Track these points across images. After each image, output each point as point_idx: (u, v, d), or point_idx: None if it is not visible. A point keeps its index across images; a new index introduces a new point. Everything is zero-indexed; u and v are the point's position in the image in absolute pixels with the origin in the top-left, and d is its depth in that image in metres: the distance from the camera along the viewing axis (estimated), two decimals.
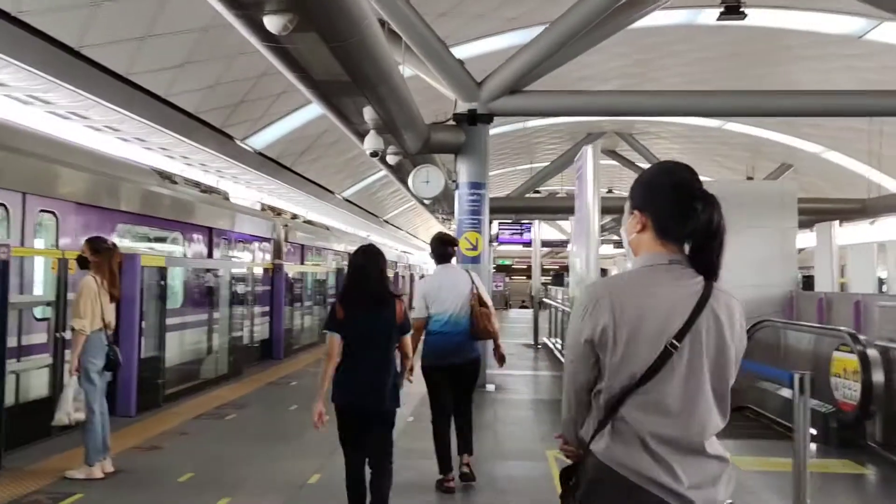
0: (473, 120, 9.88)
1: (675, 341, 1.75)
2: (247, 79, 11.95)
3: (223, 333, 10.45)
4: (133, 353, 7.61)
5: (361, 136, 8.54)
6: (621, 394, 1.78)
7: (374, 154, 8.59)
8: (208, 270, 10.46)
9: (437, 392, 5.24)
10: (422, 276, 20.20)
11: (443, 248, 5.47)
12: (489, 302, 5.40)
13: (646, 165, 26.84)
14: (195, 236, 10.57)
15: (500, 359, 5.50)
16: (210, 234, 11.09)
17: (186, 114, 11.75)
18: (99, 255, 5.63)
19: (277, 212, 16.90)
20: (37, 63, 8.18)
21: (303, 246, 16.70)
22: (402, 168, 11.29)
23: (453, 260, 5.77)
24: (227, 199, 12.90)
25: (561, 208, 25.28)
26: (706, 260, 1.82)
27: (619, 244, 36.64)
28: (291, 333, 14.14)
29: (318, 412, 3.97)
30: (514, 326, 22.66)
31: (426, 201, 15.83)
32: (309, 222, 19.39)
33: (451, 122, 10.14)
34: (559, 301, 15.37)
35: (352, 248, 20.21)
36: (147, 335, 8.10)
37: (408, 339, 4.29)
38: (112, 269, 5.68)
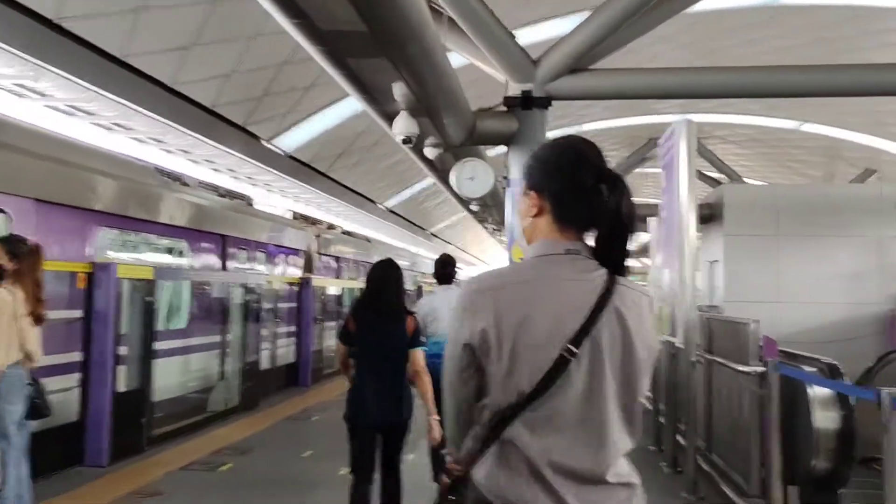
0: (528, 104, 8.19)
1: (571, 347, 1.48)
2: (267, 67, 10.52)
3: (235, 358, 8.93)
4: (105, 387, 6.13)
5: (392, 119, 6.97)
6: (508, 411, 1.50)
7: (406, 141, 6.99)
8: (214, 284, 8.97)
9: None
10: None
11: (443, 270, 5.73)
12: None
13: (712, 173, 24.86)
14: (204, 245, 9.13)
15: None
16: (223, 243, 9.64)
17: (202, 108, 10.36)
18: (18, 260, 4.13)
19: (311, 221, 15.45)
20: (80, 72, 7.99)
21: (338, 259, 15.21)
22: (444, 164, 9.68)
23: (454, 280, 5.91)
24: (250, 204, 11.49)
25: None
26: (612, 251, 1.56)
27: None
28: (321, 357, 12.58)
29: None
30: None
31: (473, 206, 14.14)
32: (347, 233, 17.92)
33: (502, 108, 8.48)
34: None
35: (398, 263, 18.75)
36: (127, 363, 6.61)
37: (419, 353, 4.16)
38: (37, 280, 4.17)
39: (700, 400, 5.66)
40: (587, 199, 1.57)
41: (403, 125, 6.76)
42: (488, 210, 14.75)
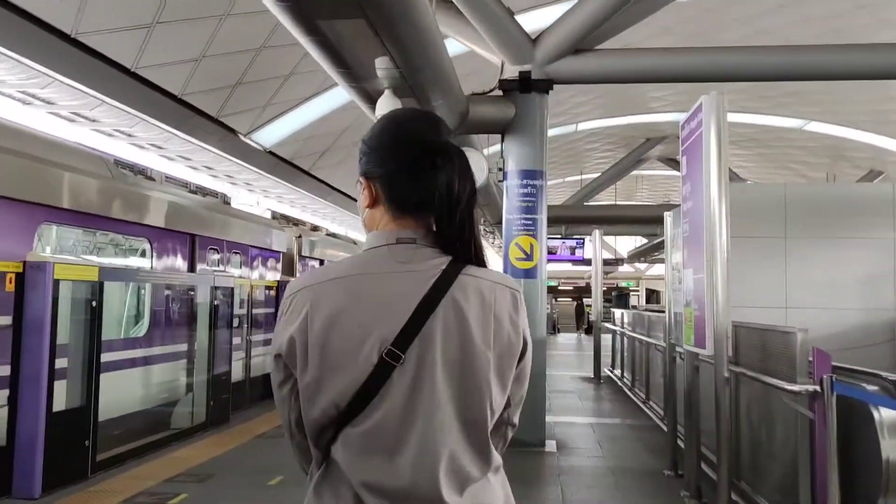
0: (527, 86, 7.40)
1: (395, 350, 1.25)
2: (240, 52, 9.67)
3: (202, 369, 8.05)
4: (37, 405, 5.26)
5: (374, 101, 6.14)
6: (330, 427, 1.29)
7: None
8: (179, 287, 8.10)
9: None
10: None
11: None
12: None
13: None
14: (170, 245, 8.26)
15: None
16: (192, 242, 8.78)
17: (168, 95, 9.49)
18: None
19: (294, 222, 14.61)
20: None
21: (322, 262, 14.35)
22: None
23: None
24: (226, 203, 10.63)
25: (632, 218, 22.27)
26: (450, 236, 1.33)
27: None
28: None
29: None
30: (566, 355, 19.96)
31: None
32: (333, 235, 17.09)
33: (497, 93, 7.68)
34: (625, 326, 12.71)
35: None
36: (68, 378, 5.74)
37: None
38: None
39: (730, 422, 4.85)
40: (415, 179, 1.36)
41: (387, 106, 5.91)
42: (481, 210, 13.94)
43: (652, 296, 52.10)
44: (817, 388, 4.01)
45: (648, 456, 7.14)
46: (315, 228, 15.68)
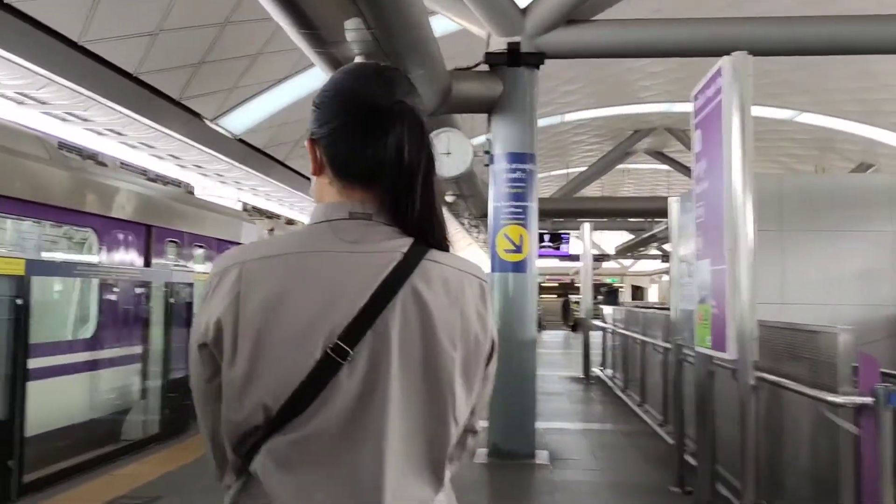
0: (516, 59, 6.69)
1: (341, 344, 1.06)
2: (202, 27, 8.89)
3: (156, 373, 7.28)
4: None
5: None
6: (256, 433, 1.08)
7: None
8: (131, 283, 7.33)
9: None
10: None
11: None
12: None
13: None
14: (120, 237, 7.49)
15: None
16: (148, 234, 8.00)
17: (122, 73, 8.69)
18: None
19: (268, 215, 13.84)
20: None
21: None
22: None
23: None
24: (190, 193, 9.88)
25: (623, 211, 21.46)
26: (405, 212, 1.14)
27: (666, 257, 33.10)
28: None
29: None
30: (552, 353, 19.30)
31: (447, 196, 12.60)
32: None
33: (483, 68, 6.97)
34: (616, 324, 12.06)
35: None
36: None
37: None
38: None
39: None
40: (360, 142, 1.14)
41: None
42: (465, 201, 13.23)
43: (637, 292, 51.71)
44: (867, 400, 3.35)
45: (649, 468, 6.47)
46: (290, 222, 14.92)
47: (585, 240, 12.85)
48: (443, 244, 1.19)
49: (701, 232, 4.61)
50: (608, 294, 26.85)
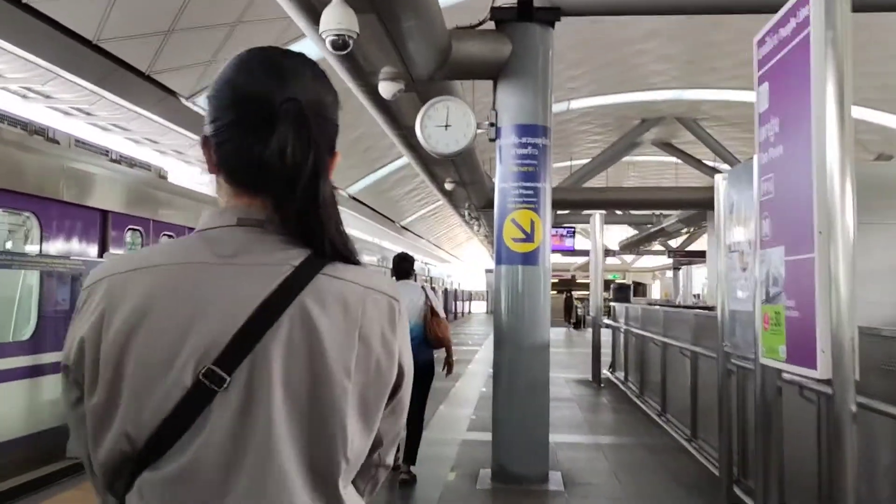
0: (528, 14, 5.69)
1: (217, 370, 0.94)
2: None
3: None
4: None
5: (317, 12, 4.39)
6: (124, 470, 0.97)
7: (339, 46, 4.36)
8: (79, 275, 6.33)
9: None
10: (444, 289, 16.78)
11: (402, 265, 6.00)
12: (441, 314, 5.75)
13: (713, 162, 22.52)
14: (68, 223, 6.50)
15: (449, 367, 6.07)
16: (104, 221, 7.01)
17: (81, 40, 7.68)
18: None
19: None
20: None
21: None
22: (404, 109, 7.05)
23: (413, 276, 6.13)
24: (162, 177, 8.89)
25: (640, 202, 19.89)
26: (293, 219, 1.02)
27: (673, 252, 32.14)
28: None
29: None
30: (556, 353, 18.30)
31: (447, 183, 11.56)
32: None
33: (489, 25, 5.97)
34: (630, 323, 11.07)
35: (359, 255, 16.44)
36: None
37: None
38: None
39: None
40: (249, 142, 1.02)
41: (335, 17, 4.17)
42: (466, 189, 12.23)
43: (638, 288, 50.79)
44: None
45: (684, 494, 5.50)
46: None
47: (596, 232, 11.86)
48: (347, 256, 1.04)
49: (769, 212, 3.61)
50: (619, 290, 25.79)
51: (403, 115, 7.09)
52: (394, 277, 6.06)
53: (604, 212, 13.42)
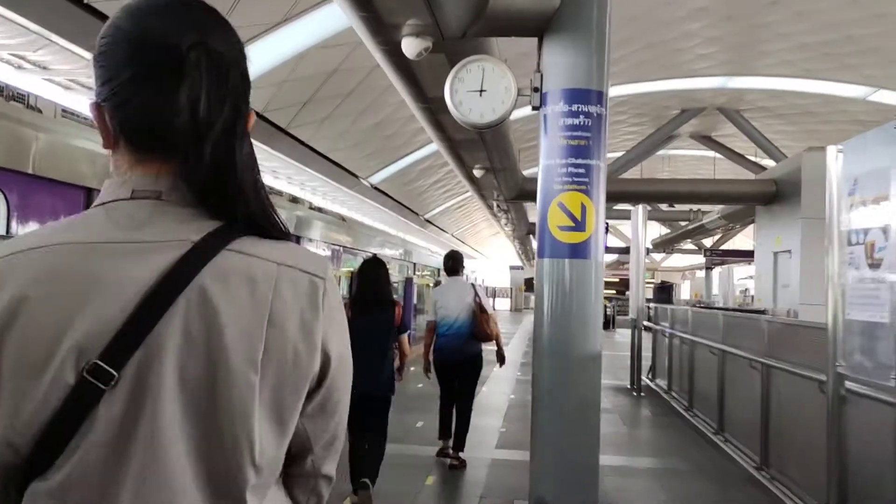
0: None
1: (103, 365, 0.82)
2: None
3: None
4: None
5: None
6: (12, 481, 0.85)
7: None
8: None
9: (444, 381, 6.22)
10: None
11: (452, 264, 6.44)
12: (489, 310, 6.13)
13: (756, 157, 21.22)
14: (44, 200, 5.65)
15: (500, 358, 6.44)
16: (87, 199, 6.15)
17: (80, 4, 6.83)
18: None
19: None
20: None
21: (299, 240, 11.69)
22: (430, 75, 6.03)
23: (463, 274, 6.57)
24: None
25: (686, 195, 17.78)
26: (207, 187, 0.90)
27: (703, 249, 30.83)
28: None
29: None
30: None
31: (476, 169, 10.53)
32: (317, 208, 14.35)
33: None
34: (676, 327, 10.03)
35: (379, 248, 15.67)
36: None
37: (405, 338, 5.20)
38: None
39: None
40: (151, 99, 0.90)
41: None
42: (495, 177, 11.20)
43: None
44: None
45: None
46: (294, 200, 12.99)
47: (639, 227, 10.82)
48: (267, 228, 0.92)
49: None
50: (660, 290, 24.58)
51: (430, 82, 6.12)
52: (444, 274, 6.56)
53: (647, 206, 12.35)
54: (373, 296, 4.99)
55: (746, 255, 25.84)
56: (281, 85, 10.89)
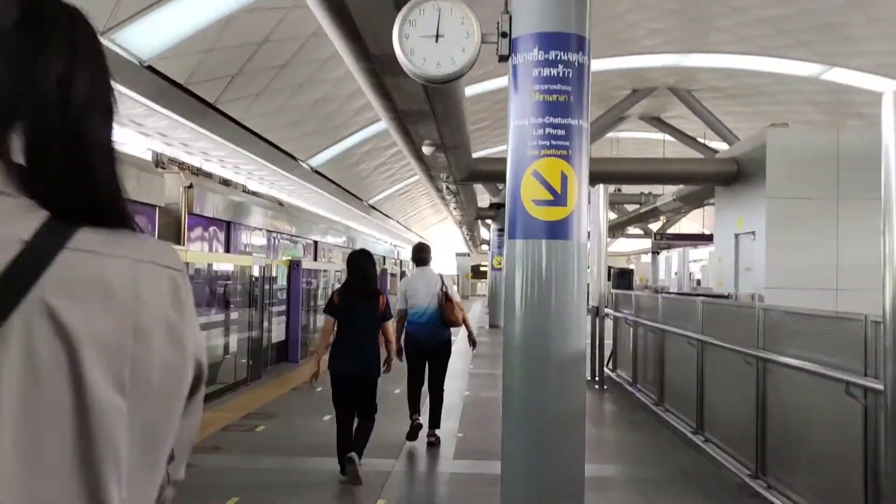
0: None
1: None
2: None
3: None
4: None
5: None
6: None
7: None
8: None
9: (414, 365, 6.51)
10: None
11: (420, 255, 6.76)
12: (455, 298, 6.48)
13: (706, 140, 20.83)
14: None
15: (472, 342, 7.21)
16: None
17: None
18: None
19: (194, 171, 10.76)
20: None
21: (230, 225, 10.63)
22: (373, 24, 5.04)
23: (431, 264, 6.81)
24: None
25: (647, 175, 16.61)
26: (51, 172, 0.74)
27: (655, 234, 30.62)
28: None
29: (314, 373, 5.25)
30: None
31: (425, 145, 9.57)
32: (252, 192, 13.23)
33: None
34: (641, 315, 9.33)
35: (321, 236, 14.79)
36: None
37: (389, 325, 5.46)
38: None
39: None
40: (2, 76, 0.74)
41: None
42: (446, 156, 10.28)
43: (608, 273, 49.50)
44: None
45: None
46: (225, 182, 11.86)
47: (600, 208, 10.09)
48: (112, 216, 0.76)
49: None
50: (621, 276, 24.02)
51: (373, 34, 5.16)
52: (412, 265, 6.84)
53: (609, 187, 11.63)
54: (360, 285, 5.31)
55: (701, 239, 25.56)
56: (205, 55, 9.76)
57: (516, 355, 4.01)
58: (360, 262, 5.44)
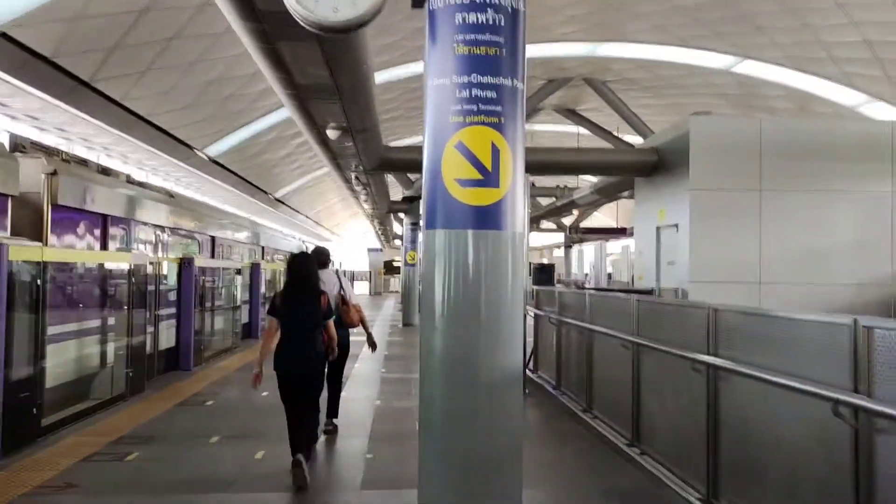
0: None
1: None
2: None
3: None
4: None
5: None
6: None
7: None
8: None
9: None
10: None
11: (320, 258, 6.61)
12: (353, 300, 6.73)
13: (619, 133, 20.53)
14: None
15: (371, 344, 6.96)
16: None
17: None
18: None
19: (65, 158, 9.39)
20: None
21: (106, 219, 9.36)
22: None
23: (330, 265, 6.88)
24: None
25: (572, 166, 15.40)
26: None
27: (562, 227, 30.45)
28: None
29: (256, 375, 5.27)
30: None
31: (330, 129, 8.57)
32: (139, 183, 11.87)
33: None
34: (564, 313, 8.67)
35: (220, 230, 13.76)
36: None
37: (331, 323, 5.62)
38: None
39: None
40: None
41: None
42: (353, 142, 9.32)
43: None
44: None
45: None
46: (105, 171, 10.49)
47: (524, 199, 9.34)
48: None
49: None
50: (541, 272, 23.49)
51: None
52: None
53: (530, 177, 10.93)
54: (302, 286, 5.43)
55: (618, 233, 25.41)
56: (73, 23, 8.48)
57: (436, 377, 3.18)
58: (302, 263, 5.58)
